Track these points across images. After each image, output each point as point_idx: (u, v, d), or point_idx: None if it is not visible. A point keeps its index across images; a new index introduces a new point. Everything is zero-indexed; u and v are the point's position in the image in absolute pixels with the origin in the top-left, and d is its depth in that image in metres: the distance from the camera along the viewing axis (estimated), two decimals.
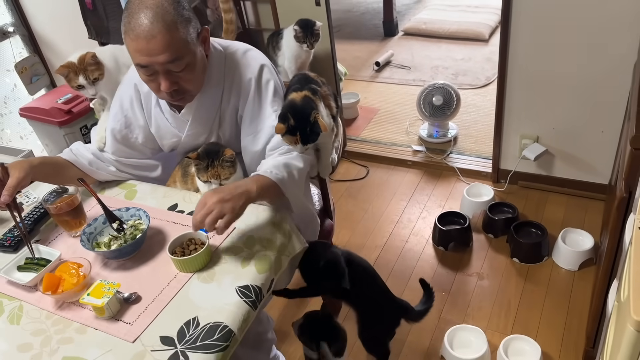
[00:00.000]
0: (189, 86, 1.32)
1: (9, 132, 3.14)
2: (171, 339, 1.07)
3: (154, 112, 1.48)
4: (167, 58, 1.22)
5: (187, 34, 1.25)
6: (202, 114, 1.43)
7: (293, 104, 1.38)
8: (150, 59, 1.22)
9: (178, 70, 1.27)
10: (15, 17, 3.02)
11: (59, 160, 1.46)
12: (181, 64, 1.26)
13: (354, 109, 3.30)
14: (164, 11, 1.21)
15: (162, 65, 1.24)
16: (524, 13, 2.14)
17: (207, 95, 1.41)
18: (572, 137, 2.34)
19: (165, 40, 1.21)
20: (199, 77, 1.34)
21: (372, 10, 4.89)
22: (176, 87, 1.29)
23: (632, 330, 0.91)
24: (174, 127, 1.47)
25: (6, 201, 1.27)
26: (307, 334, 1.47)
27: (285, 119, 1.34)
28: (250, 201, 1.22)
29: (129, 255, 1.26)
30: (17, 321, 1.16)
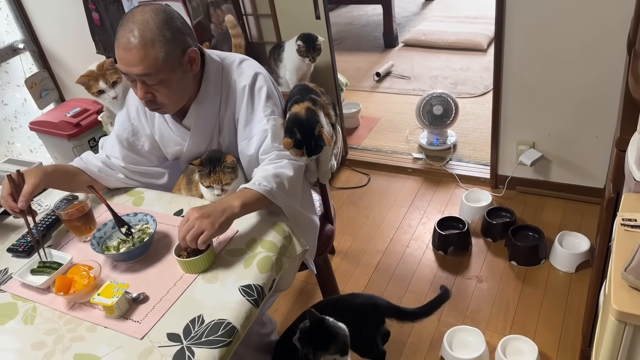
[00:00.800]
0: (163, 100, 1.39)
1: (19, 146, 3.22)
2: (177, 335, 1.13)
3: (157, 121, 1.55)
4: (140, 71, 1.31)
5: (164, 53, 1.31)
6: (202, 123, 1.51)
7: (298, 118, 1.46)
8: (127, 68, 1.33)
9: (152, 84, 1.34)
10: (25, 34, 3.11)
11: (71, 168, 1.53)
12: (154, 79, 1.33)
13: (355, 119, 3.36)
14: (146, 28, 1.29)
15: (137, 76, 1.33)
16: (517, 23, 2.20)
17: (206, 105, 1.48)
18: (567, 143, 2.39)
19: (140, 55, 1.29)
20: (175, 93, 1.40)
21: (373, 22, 4.97)
22: (151, 97, 1.37)
23: (613, 319, 0.97)
24: (177, 136, 1.54)
25: (23, 207, 1.33)
26: (306, 343, 1.47)
27: (292, 133, 1.43)
28: (233, 217, 1.28)
29: (137, 258, 1.32)
30: (31, 321, 1.22)
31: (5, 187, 1.37)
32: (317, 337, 1.44)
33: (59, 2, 2.93)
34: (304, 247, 1.42)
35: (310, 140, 1.44)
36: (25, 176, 1.37)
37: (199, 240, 1.22)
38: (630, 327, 0.96)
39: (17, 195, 1.35)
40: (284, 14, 2.71)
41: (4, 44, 3.06)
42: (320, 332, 1.45)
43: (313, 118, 1.46)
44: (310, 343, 1.44)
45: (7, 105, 3.15)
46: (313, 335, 1.44)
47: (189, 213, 1.26)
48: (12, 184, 1.36)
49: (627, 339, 0.98)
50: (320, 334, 1.44)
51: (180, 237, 1.24)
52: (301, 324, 1.47)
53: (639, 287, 0.97)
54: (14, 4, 3.02)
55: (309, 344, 1.44)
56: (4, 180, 1.37)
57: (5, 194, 1.36)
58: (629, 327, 0.96)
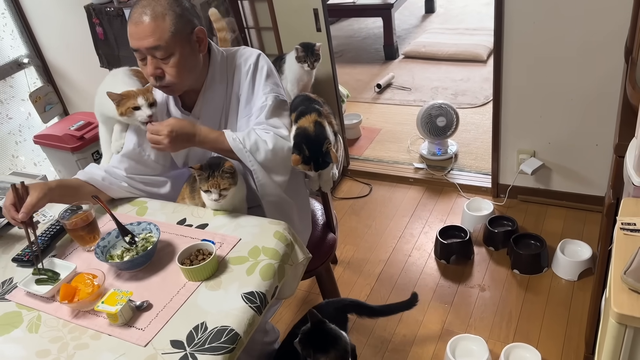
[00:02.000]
0: (172, 76, 1.44)
1: (23, 159, 3.25)
2: (181, 342, 1.14)
3: None
4: (150, 44, 1.37)
5: (174, 26, 1.38)
6: (209, 111, 1.56)
7: (307, 134, 1.49)
8: (137, 42, 1.39)
9: (162, 58, 1.40)
10: (30, 49, 3.15)
11: (74, 182, 1.55)
12: (164, 53, 1.39)
13: (357, 129, 3.39)
14: (157, 4, 1.38)
15: (147, 50, 1.39)
16: (515, 34, 2.23)
17: (212, 93, 1.54)
18: (568, 151, 2.41)
19: (151, 28, 1.36)
20: (184, 71, 1.45)
21: (373, 35, 5.02)
22: (160, 73, 1.43)
23: (614, 322, 0.97)
24: None
25: (23, 219, 1.35)
26: (306, 345, 1.46)
27: (300, 150, 1.46)
28: (187, 142, 1.46)
29: (140, 266, 1.33)
30: (36, 330, 1.23)
31: (8, 197, 1.38)
32: (317, 340, 1.44)
33: (63, 17, 2.97)
34: (306, 255, 1.43)
35: (318, 157, 1.49)
36: (29, 189, 1.39)
37: (148, 136, 1.44)
38: (630, 329, 0.97)
39: (20, 206, 1.36)
40: (285, 26, 2.74)
41: (9, 58, 3.10)
42: (321, 335, 1.45)
43: (322, 134, 1.50)
44: (311, 345, 1.44)
45: (11, 119, 3.19)
46: (314, 338, 1.44)
47: (168, 122, 1.43)
48: (16, 194, 1.38)
49: (627, 342, 0.98)
50: (321, 336, 1.45)
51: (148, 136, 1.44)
52: (303, 327, 1.47)
53: (638, 290, 0.97)
54: (19, 20, 3.06)
55: (309, 346, 1.44)
56: (9, 190, 1.39)
57: (8, 204, 1.38)
58: (629, 330, 0.97)
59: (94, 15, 2.59)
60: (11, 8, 3.03)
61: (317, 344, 1.43)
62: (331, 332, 1.45)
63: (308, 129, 1.50)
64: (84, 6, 2.60)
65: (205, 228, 1.45)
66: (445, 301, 2.16)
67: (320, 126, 1.52)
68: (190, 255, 1.32)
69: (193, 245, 1.33)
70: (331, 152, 1.49)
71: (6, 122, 3.16)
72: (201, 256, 1.31)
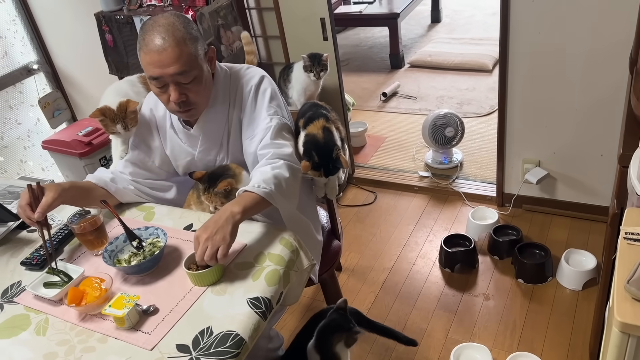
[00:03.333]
0: (196, 98, 1.44)
1: (31, 164, 3.28)
2: (187, 346, 1.15)
3: (168, 134, 1.60)
4: (176, 70, 1.36)
5: (195, 49, 1.39)
6: (211, 129, 1.56)
7: (316, 140, 1.51)
8: (162, 70, 1.36)
9: (186, 82, 1.40)
10: (39, 55, 3.19)
11: (85, 184, 1.57)
12: (189, 77, 1.39)
13: (362, 138, 3.40)
14: (175, 29, 1.36)
15: (172, 77, 1.38)
16: (521, 44, 2.24)
17: (214, 111, 1.54)
18: (573, 161, 2.41)
19: (175, 53, 1.35)
20: (205, 91, 1.47)
21: (379, 44, 5.05)
22: (184, 99, 1.42)
23: (617, 331, 0.98)
24: (188, 146, 1.59)
25: (39, 218, 1.37)
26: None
27: (310, 156, 1.47)
28: (237, 223, 1.31)
29: (147, 271, 1.35)
30: (43, 333, 1.25)
31: (24, 197, 1.40)
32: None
33: (73, 24, 3.01)
34: (311, 262, 1.44)
35: (328, 163, 1.50)
36: (44, 189, 1.41)
37: (218, 256, 1.25)
38: (633, 338, 0.97)
39: (35, 206, 1.38)
40: (293, 35, 2.77)
41: (19, 64, 3.14)
42: None
43: (331, 140, 1.52)
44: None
45: (20, 125, 3.22)
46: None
47: (197, 236, 1.28)
48: (31, 194, 1.39)
49: (630, 351, 0.99)
50: None
51: (198, 260, 1.26)
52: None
53: None
54: (29, 26, 3.11)
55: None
56: (24, 190, 1.41)
57: (24, 203, 1.39)
58: (632, 339, 0.97)
59: (103, 22, 2.63)
60: (22, 15, 3.07)
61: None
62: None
63: (317, 136, 1.52)
64: (94, 14, 2.64)
65: None
66: (450, 310, 2.16)
67: (329, 132, 1.54)
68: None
69: None
70: (341, 158, 1.50)
71: (15, 127, 3.19)
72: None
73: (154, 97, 1.61)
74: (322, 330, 1.52)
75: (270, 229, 1.44)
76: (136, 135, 1.64)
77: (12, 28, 3.08)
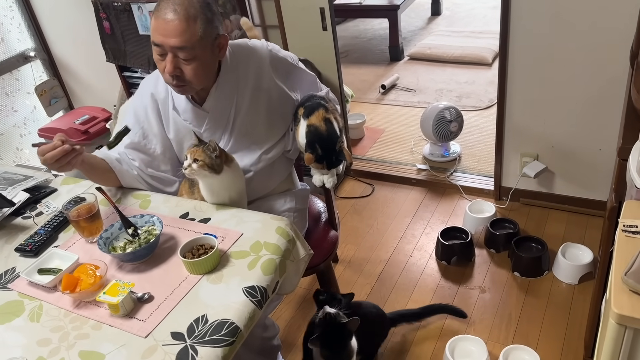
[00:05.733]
0: (191, 77, 1.43)
1: (27, 152, 3.26)
2: (181, 334, 1.14)
3: (171, 116, 1.58)
4: (177, 43, 1.37)
5: (203, 31, 1.39)
6: (221, 105, 1.56)
7: (319, 133, 1.50)
8: (163, 39, 1.38)
9: (184, 58, 1.40)
10: (36, 43, 3.17)
11: (98, 157, 1.57)
12: (189, 54, 1.39)
13: (360, 130, 3.39)
14: (190, 4, 1.37)
15: (172, 48, 1.38)
16: (521, 38, 2.23)
17: (224, 88, 1.55)
18: (571, 155, 2.41)
19: (181, 28, 1.36)
20: (203, 74, 1.46)
21: (379, 36, 5.03)
22: (179, 73, 1.42)
23: (614, 323, 0.98)
24: (193, 126, 1.57)
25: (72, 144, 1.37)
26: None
27: (314, 148, 1.47)
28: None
29: (142, 259, 1.34)
30: (37, 319, 1.24)
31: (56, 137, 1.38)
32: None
33: (70, 11, 2.99)
34: (307, 252, 1.44)
35: (331, 155, 1.49)
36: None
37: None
38: (630, 330, 0.97)
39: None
40: (292, 25, 2.75)
41: (16, 51, 3.12)
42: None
43: (334, 132, 1.51)
44: None
45: (16, 112, 3.20)
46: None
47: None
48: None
49: (627, 343, 0.98)
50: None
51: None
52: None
53: (639, 291, 0.98)
54: (26, 13, 3.08)
55: None
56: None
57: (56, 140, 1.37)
58: (629, 331, 0.97)
59: (101, 9, 2.60)
60: (19, 1, 3.05)
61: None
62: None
63: (320, 128, 1.51)
64: (92, 1, 2.61)
65: (207, 222, 1.46)
66: (445, 302, 2.16)
67: (331, 124, 1.53)
68: (192, 248, 1.32)
69: (195, 239, 1.34)
70: (344, 151, 1.50)
71: (11, 114, 3.18)
72: (203, 250, 1.31)
73: (154, 79, 1.60)
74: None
75: (267, 218, 1.44)
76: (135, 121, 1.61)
77: (8, 14, 3.05)
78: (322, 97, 1.63)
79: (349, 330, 1.59)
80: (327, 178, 1.58)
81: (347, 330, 1.59)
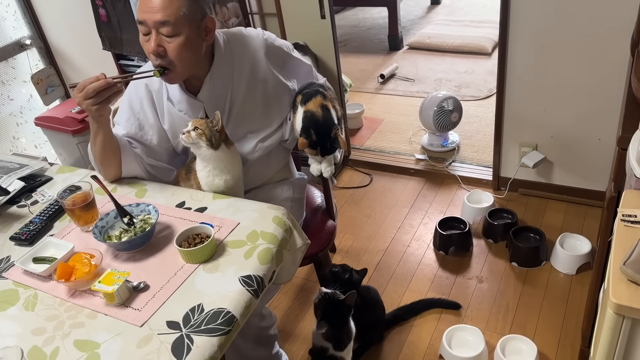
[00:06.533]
0: (174, 57, 1.40)
1: (24, 141, 3.24)
2: (177, 323, 1.14)
3: (166, 107, 1.56)
4: (159, 18, 1.35)
5: (188, 9, 1.37)
6: (216, 95, 1.55)
7: (315, 118, 1.49)
8: (146, 15, 1.36)
9: (167, 35, 1.38)
10: (32, 30, 3.14)
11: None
12: (171, 30, 1.37)
13: (359, 119, 3.37)
14: None
15: (154, 24, 1.36)
16: (521, 27, 2.21)
17: (218, 78, 1.53)
18: (570, 145, 2.40)
19: (164, 3, 1.35)
20: (188, 56, 1.42)
21: (378, 25, 4.99)
22: (162, 52, 1.40)
23: (612, 313, 0.97)
24: (188, 116, 1.55)
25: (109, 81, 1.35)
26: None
27: (308, 134, 1.45)
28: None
29: (138, 248, 1.33)
30: (32, 308, 1.23)
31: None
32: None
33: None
34: (304, 241, 1.43)
35: (326, 142, 1.48)
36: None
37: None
38: (628, 320, 0.97)
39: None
40: (290, 13, 2.72)
41: (12, 39, 3.08)
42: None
43: (330, 119, 1.50)
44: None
45: (13, 101, 3.18)
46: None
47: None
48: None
49: (625, 333, 0.98)
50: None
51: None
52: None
53: (637, 281, 0.97)
54: (21, 0, 3.04)
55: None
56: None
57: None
58: (627, 321, 0.97)
59: None
60: None
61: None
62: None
63: (316, 114, 1.49)
64: None
65: (204, 211, 1.45)
66: (443, 292, 2.16)
67: (328, 110, 1.52)
68: (189, 237, 1.31)
69: (191, 228, 1.33)
70: (339, 138, 1.48)
71: (7, 103, 3.15)
72: (199, 239, 1.30)
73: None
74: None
75: (264, 207, 1.43)
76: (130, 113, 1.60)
77: (4, 2, 3.02)
78: (321, 85, 1.61)
79: (348, 305, 1.61)
80: (325, 167, 1.57)
81: (347, 305, 1.61)
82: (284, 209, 1.42)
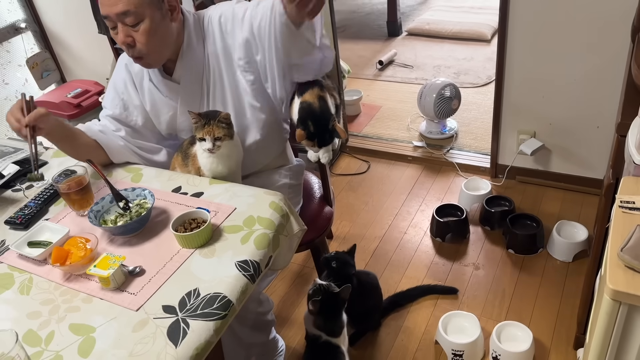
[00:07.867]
0: (142, 44, 1.40)
1: None
2: (173, 307, 1.13)
3: (147, 88, 1.56)
4: (119, 9, 1.35)
5: None
6: (190, 74, 1.52)
7: (312, 110, 1.46)
8: (107, 9, 1.36)
9: (131, 25, 1.37)
10: (27, 14, 3.10)
11: (75, 128, 1.54)
12: (134, 19, 1.36)
13: (357, 106, 3.36)
14: None
15: (117, 16, 1.36)
16: (521, 14, 2.19)
17: (190, 56, 1.51)
18: (568, 133, 2.39)
19: None
20: (156, 40, 1.41)
21: (377, 11, 4.95)
22: (130, 42, 1.39)
23: (608, 299, 0.97)
24: (169, 98, 1.55)
25: (29, 122, 1.33)
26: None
27: (306, 125, 1.43)
28: None
29: (134, 232, 1.32)
30: (27, 292, 1.22)
31: (17, 104, 1.37)
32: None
33: None
34: (301, 227, 1.42)
35: (324, 133, 1.46)
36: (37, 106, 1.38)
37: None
38: (624, 306, 0.96)
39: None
40: None
41: (6, 23, 3.05)
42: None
43: (328, 111, 1.48)
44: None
45: (8, 85, 3.15)
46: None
47: None
48: (25, 104, 1.36)
49: (621, 319, 0.98)
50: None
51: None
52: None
53: (634, 267, 0.97)
54: None
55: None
56: (19, 100, 1.37)
57: (15, 108, 1.36)
58: (623, 306, 0.97)
59: None
60: None
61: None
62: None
63: (313, 105, 1.47)
64: None
65: (200, 196, 1.44)
66: (439, 279, 2.16)
67: (325, 102, 1.50)
68: (185, 222, 1.31)
69: (188, 213, 1.32)
70: (338, 129, 1.46)
71: (2, 87, 3.12)
72: (195, 224, 1.30)
73: None
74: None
75: (260, 193, 1.42)
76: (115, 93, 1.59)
77: None
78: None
79: (342, 298, 1.61)
80: (322, 153, 1.56)
81: (341, 298, 1.61)
82: (280, 194, 1.41)
